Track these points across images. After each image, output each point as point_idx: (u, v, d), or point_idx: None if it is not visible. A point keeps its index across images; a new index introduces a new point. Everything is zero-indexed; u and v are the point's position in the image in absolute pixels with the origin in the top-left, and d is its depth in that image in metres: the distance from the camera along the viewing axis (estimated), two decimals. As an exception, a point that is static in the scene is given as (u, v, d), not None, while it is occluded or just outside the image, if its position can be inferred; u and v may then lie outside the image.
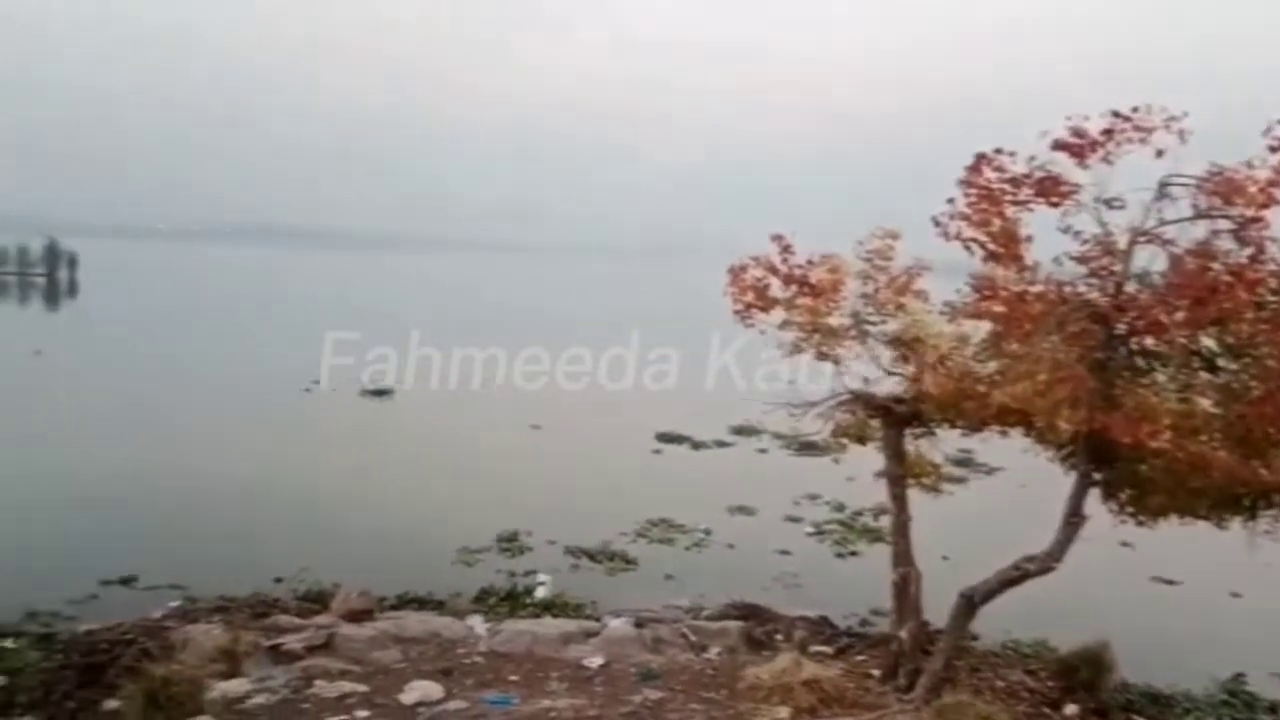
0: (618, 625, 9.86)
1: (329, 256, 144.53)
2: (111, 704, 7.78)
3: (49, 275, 67.52)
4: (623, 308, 50.14)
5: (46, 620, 9.97)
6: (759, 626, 10.00)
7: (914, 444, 8.98)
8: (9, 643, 9.34)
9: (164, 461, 17.35)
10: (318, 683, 7.94)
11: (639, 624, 9.88)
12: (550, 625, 9.65)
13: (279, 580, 10.94)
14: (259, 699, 7.59)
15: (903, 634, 8.54)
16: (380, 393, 25.12)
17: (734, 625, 9.95)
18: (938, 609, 8.31)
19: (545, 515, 14.45)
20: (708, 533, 14.37)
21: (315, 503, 15.06)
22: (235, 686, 7.74)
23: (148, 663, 8.18)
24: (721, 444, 21.19)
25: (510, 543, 13.43)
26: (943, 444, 9.05)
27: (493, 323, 38.86)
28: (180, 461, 17.34)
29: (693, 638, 9.62)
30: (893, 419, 8.70)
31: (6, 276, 65.58)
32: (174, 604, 10.28)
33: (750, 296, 8.61)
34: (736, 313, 8.66)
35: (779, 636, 9.82)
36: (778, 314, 8.60)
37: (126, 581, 11.21)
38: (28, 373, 26.67)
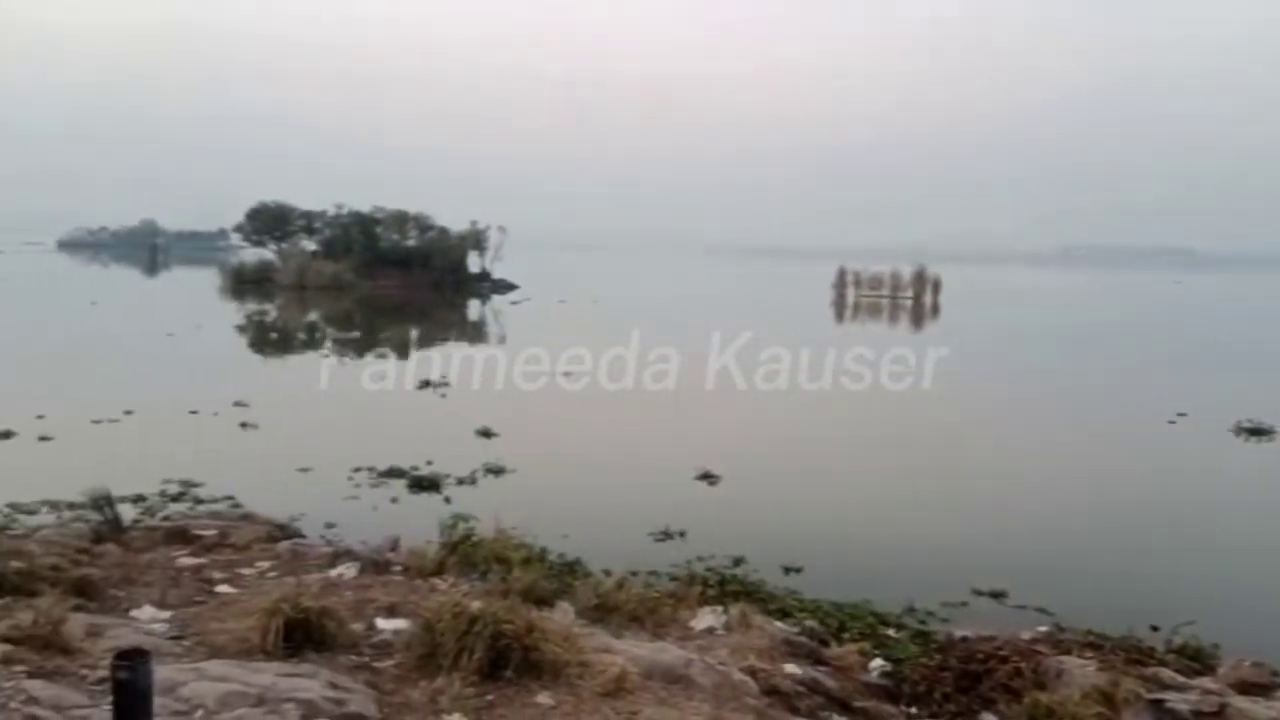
0: None
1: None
2: (989, 717, 7.95)
3: (915, 298, 74.97)
4: None
5: (923, 618, 10.70)
6: None
7: None
8: (891, 632, 10.26)
9: (1035, 479, 17.76)
10: (1211, 757, 6.98)
11: None
12: None
13: (1155, 629, 10.04)
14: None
15: None
16: (1259, 432, 21.95)
17: None
18: None
19: None
20: None
21: (1190, 550, 13.66)
22: (1116, 736, 7.23)
23: (1020, 683, 8.22)
24: None
25: None
26: None
27: None
28: (1052, 482, 17.55)
29: None
30: None
31: (881, 299, 74.89)
32: (1042, 629, 10.14)
33: None
34: None
35: None
36: None
37: (996, 595, 11.46)
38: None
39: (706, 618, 8.28)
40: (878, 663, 9.02)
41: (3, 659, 5.60)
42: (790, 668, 7.30)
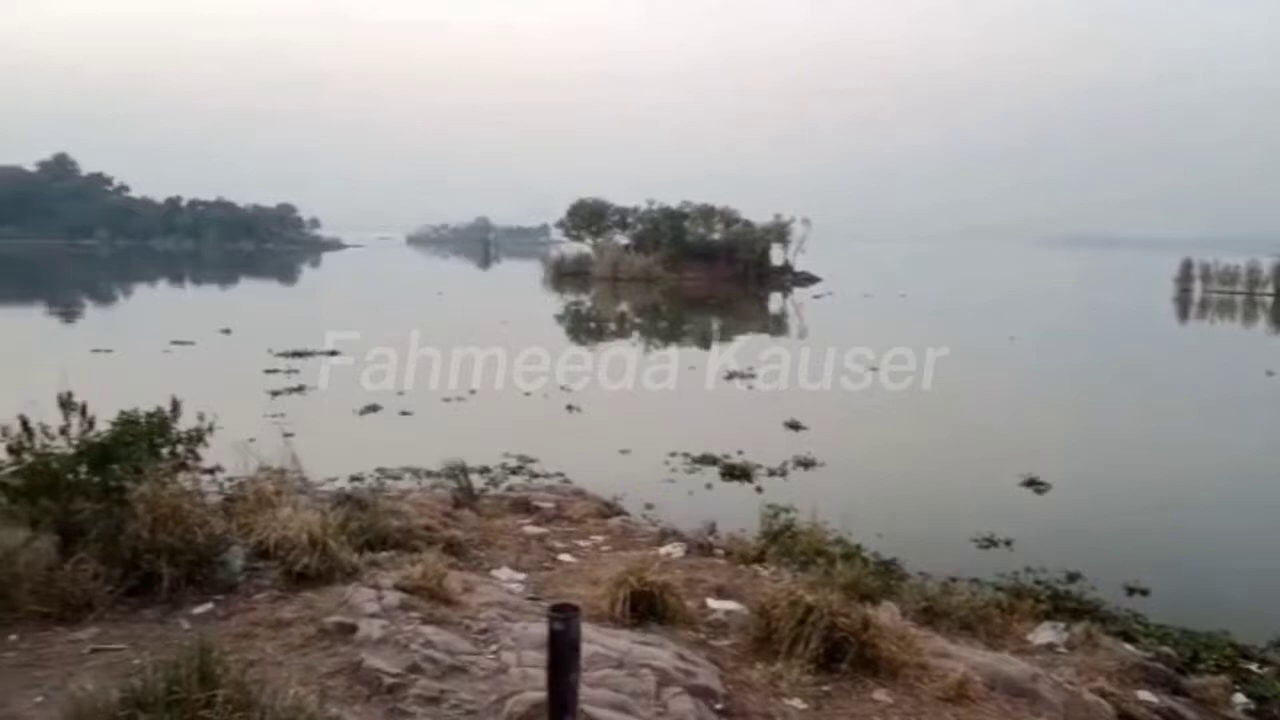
0: None
1: None
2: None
3: (1277, 294, 65.95)
4: None
5: (1294, 652, 9.49)
6: None
7: None
8: (1254, 666, 9.15)
9: None
10: None
11: None
12: None
13: None
14: None
15: None
16: None
17: None
18: None
19: None
20: None
21: None
22: None
23: None
24: None
25: None
26: None
27: None
28: None
29: None
30: None
31: (1235, 295, 66.51)
32: None
33: None
34: None
35: None
36: None
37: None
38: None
39: (1046, 633, 7.84)
40: (1239, 698, 8.14)
41: (400, 605, 6.41)
42: (1144, 694, 6.76)
